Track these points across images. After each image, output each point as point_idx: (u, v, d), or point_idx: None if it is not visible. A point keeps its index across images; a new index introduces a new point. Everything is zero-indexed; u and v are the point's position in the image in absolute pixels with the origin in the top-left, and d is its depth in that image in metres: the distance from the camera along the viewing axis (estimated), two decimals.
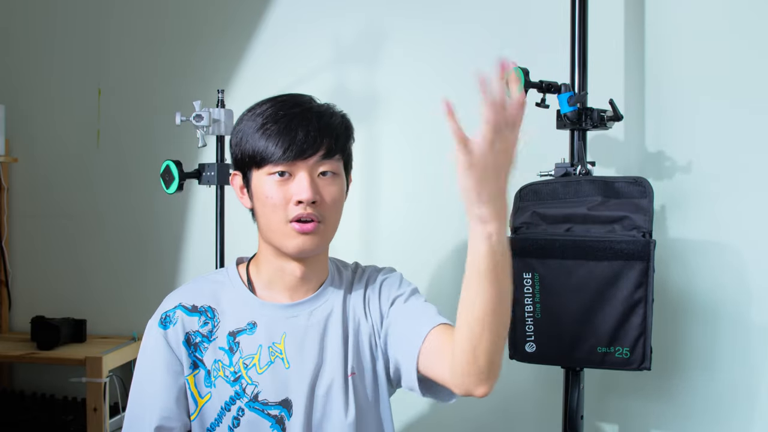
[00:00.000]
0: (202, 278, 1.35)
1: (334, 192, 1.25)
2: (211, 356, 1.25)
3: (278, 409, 1.23)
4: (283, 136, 1.21)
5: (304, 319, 1.28)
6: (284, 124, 1.22)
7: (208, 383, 1.24)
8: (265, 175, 1.22)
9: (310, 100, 1.29)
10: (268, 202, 1.22)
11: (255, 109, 1.27)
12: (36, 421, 2.37)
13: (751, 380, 1.80)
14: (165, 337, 1.25)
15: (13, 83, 2.58)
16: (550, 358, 1.61)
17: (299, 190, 1.20)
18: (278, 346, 1.25)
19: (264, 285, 1.30)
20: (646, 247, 1.48)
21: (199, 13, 2.40)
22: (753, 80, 1.80)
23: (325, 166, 1.24)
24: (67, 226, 2.54)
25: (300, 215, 1.21)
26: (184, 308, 1.27)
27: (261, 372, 1.24)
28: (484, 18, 2.07)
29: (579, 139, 1.69)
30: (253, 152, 1.23)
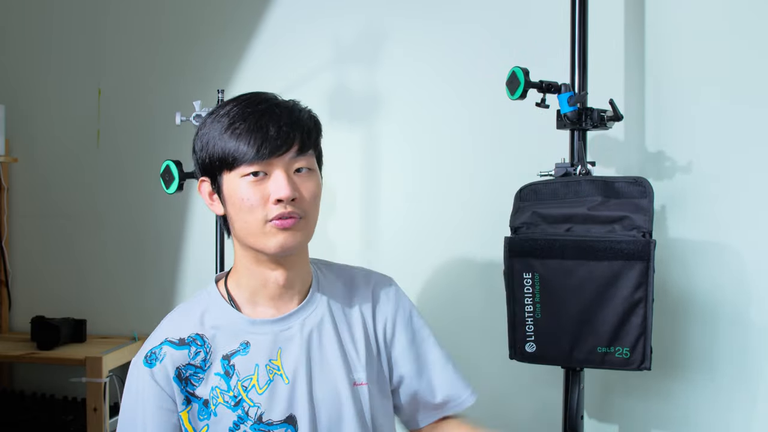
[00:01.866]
0: (183, 307, 1.29)
1: (311, 187, 1.20)
2: (207, 385, 1.19)
3: (284, 427, 1.18)
4: (254, 133, 1.15)
5: (297, 330, 1.24)
6: (253, 121, 1.16)
7: (204, 415, 1.18)
8: (238, 177, 1.16)
9: (275, 97, 1.24)
10: (245, 205, 1.16)
11: (218, 110, 1.21)
12: (36, 421, 2.36)
13: (751, 380, 1.80)
14: (152, 376, 1.18)
15: (13, 83, 2.58)
16: (550, 358, 1.60)
17: (277, 188, 1.15)
18: (275, 363, 1.21)
19: (246, 299, 1.25)
20: (646, 247, 1.48)
21: (199, 13, 2.40)
22: (753, 80, 1.80)
23: (300, 162, 1.18)
24: (66, 226, 2.54)
25: (281, 214, 1.15)
26: (171, 343, 1.21)
27: (261, 392, 1.19)
28: (484, 18, 2.07)
29: (579, 139, 1.69)
30: (223, 154, 1.16)
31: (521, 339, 1.59)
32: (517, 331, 1.60)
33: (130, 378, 1.22)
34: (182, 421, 1.18)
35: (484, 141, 2.08)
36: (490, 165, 2.07)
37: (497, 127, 2.05)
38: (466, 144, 2.10)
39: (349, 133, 2.20)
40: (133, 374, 1.21)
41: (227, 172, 1.18)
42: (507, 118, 2.00)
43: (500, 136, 2.05)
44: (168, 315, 1.28)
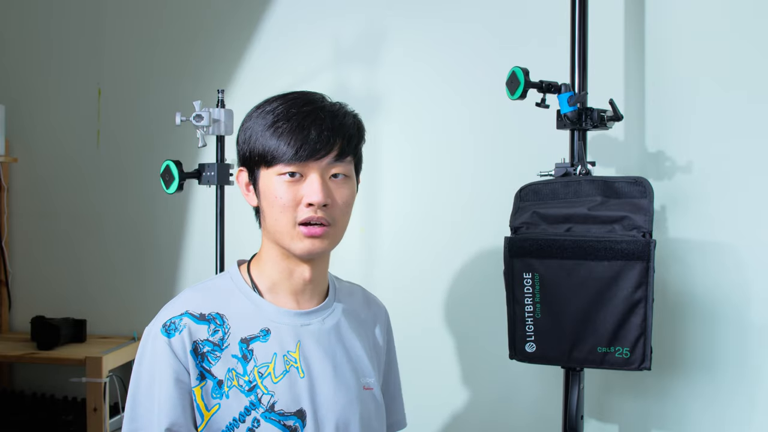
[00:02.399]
0: (203, 285, 1.28)
1: (345, 195, 1.21)
2: (223, 366, 1.18)
3: (293, 420, 1.18)
4: (296, 135, 1.16)
5: (317, 326, 1.26)
6: (296, 122, 1.18)
7: (217, 394, 1.17)
8: (274, 175, 1.18)
9: (322, 98, 1.25)
10: (277, 203, 1.18)
11: (264, 106, 1.23)
12: (36, 421, 2.36)
13: (751, 380, 1.80)
14: (170, 345, 1.17)
15: (13, 83, 2.58)
16: (550, 358, 1.60)
17: (310, 192, 1.17)
18: (293, 355, 1.22)
19: (268, 288, 1.25)
20: (646, 247, 1.48)
21: (199, 13, 2.40)
22: (753, 80, 1.80)
23: (337, 168, 1.20)
24: (67, 226, 2.54)
25: (310, 218, 1.17)
26: (192, 316, 1.19)
27: (276, 381, 1.19)
28: (484, 18, 2.07)
29: (579, 139, 1.69)
30: (263, 150, 1.18)
31: (521, 339, 1.59)
32: (517, 331, 1.60)
33: (146, 346, 1.20)
34: (194, 396, 1.17)
35: (484, 141, 2.08)
36: (490, 165, 2.07)
37: (497, 127, 2.05)
38: (466, 144, 2.10)
39: None
40: (149, 342, 1.19)
41: (265, 168, 1.20)
42: (507, 118, 2.00)
43: (500, 136, 2.05)
44: (188, 289, 1.27)
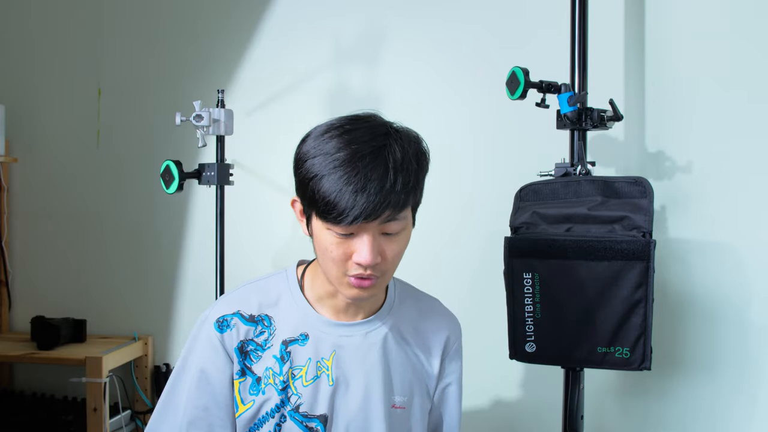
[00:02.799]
0: (259, 283, 1.30)
1: (396, 249, 1.17)
2: (263, 364, 1.24)
3: (315, 422, 1.23)
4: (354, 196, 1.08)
5: (357, 340, 1.26)
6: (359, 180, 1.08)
7: (254, 391, 1.23)
8: (325, 228, 1.13)
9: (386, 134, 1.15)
10: (328, 255, 1.15)
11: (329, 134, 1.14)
12: (36, 421, 2.36)
13: (751, 380, 1.80)
14: (221, 341, 1.23)
15: (13, 83, 2.58)
16: (550, 358, 1.60)
17: (361, 254, 1.12)
18: (326, 363, 1.25)
19: (315, 298, 1.27)
20: (646, 247, 1.48)
21: (199, 13, 2.40)
22: (753, 80, 1.80)
23: (389, 227, 1.14)
24: (67, 226, 2.54)
25: (360, 275, 1.15)
26: (242, 317, 1.25)
27: (306, 385, 1.23)
28: (484, 18, 2.07)
29: (579, 139, 1.69)
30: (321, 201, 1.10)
31: (521, 339, 1.59)
32: (517, 331, 1.60)
33: (200, 335, 1.25)
34: (234, 389, 1.24)
35: (484, 141, 2.08)
36: (490, 165, 2.07)
37: (497, 127, 2.05)
38: (466, 144, 2.10)
39: None
40: (202, 334, 1.25)
41: (315, 216, 1.14)
42: (507, 118, 2.00)
43: (500, 136, 2.05)
44: (245, 285, 1.30)
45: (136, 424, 2.44)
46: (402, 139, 1.16)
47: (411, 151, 1.15)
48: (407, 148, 1.15)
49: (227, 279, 1.96)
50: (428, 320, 1.34)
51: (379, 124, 1.17)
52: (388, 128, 1.17)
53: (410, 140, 1.18)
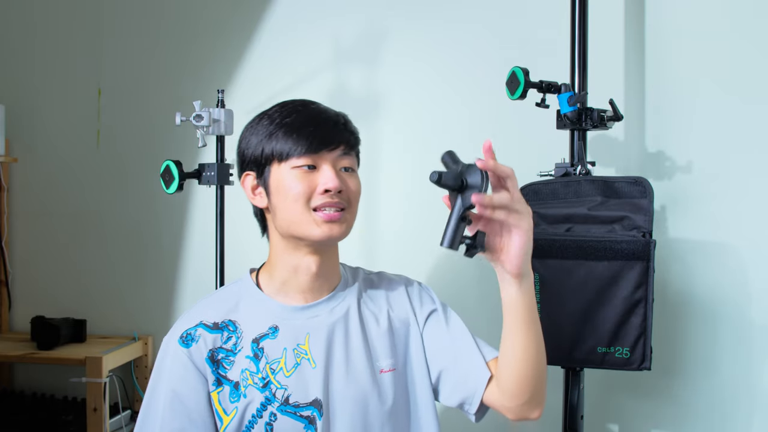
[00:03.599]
0: (216, 295, 1.34)
1: (355, 185, 1.28)
2: (238, 368, 1.24)
3: (309, 410, 1.22)
4: (307, 128, 1.23)
5: (325, 317, 1.29)
6: (305, 117, 1.25)
7: (234, 397, 1.23)
8: (288, 169, 1.23)
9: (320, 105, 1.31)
10: (291, 193, 1.22)
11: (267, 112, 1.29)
12: (36, 421, 2.36)
13: (751, 380, 1.80)
14: (189, 356, 1.23)
15: (13, 83, 2.58)
16: (550, 358, 1.58)
17: (326, 179, 1.22)
18: (303, 347, 1.26)
19: (277, 290, 1.30)
20: (646, 247, 1.48)
21: (199, 13, 2.40)
22: (753, 80, 1.80)
23: (346, 161, 1.27)
24: (67, 226, 2.54)
25: (327, 203, 1.22)
26: (206, 326, 1.26)
27: (288, 375, 1.23)
28: (484, 18, 2.07)
29: (579, 139, 1.69)
30: (276, 148, 1.24)
31: None
32: None
33: (165, 356, 1.25)
34: (213, 401, 1.23)
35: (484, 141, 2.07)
36: None
37: (497, 127, 2.05)
38: (466, 144, 2.09)
39: None
40: (168, 354, 1.25)
41: (277, 164, 1.24)
42: (507, 118, 2.00)
43: (500, 136, 2.04)
44: (203, 299, 1.32)
45: None
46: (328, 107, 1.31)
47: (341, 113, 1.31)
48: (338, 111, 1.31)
49: (227, 279, 1.96)
50: (382, 285, 1.39)
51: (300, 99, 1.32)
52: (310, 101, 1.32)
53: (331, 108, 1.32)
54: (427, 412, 1.32)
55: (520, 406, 1.26)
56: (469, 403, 1.31)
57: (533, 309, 1.19)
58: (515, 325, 1.19)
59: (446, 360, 1.32)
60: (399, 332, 1.33)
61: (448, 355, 1.32)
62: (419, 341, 1.34)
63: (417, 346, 1.33)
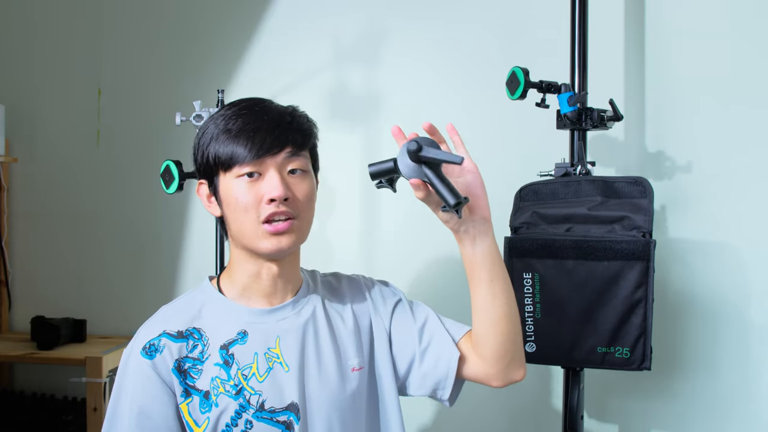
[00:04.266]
0: (176, 302, 1.29)
1: (305, 189, 1.22)
2: (207, 376, 1.19)
3: (286, 414, 1.19)
4: (248, 134, 1.17)
5: (293, 319, 1.26)
6: (247, 122, 1.19)
7: (205, 408, 1.18)
8: (233, 178, 1.19)
9: (271, 102, 1.26)
10: (239, 205, 1.18)
11: (216, 114, 1.24)
12: (36, 421, 2.36)
13: (751, 380, 1.80)
14: (153, 368, 1.18)
15: (13, 83, 2.58)
16: (550, 358, 1.61)
17: (270, 188, 1.17)
18: (274, 351, 1.22)
19: (239, 295, 1.26)
20: (646, 247, 1.48)
21: (199, 13, 2.40)
22: (753, 80, 1.80)
23: (293, 163, 1.20)
24: (67, 226, 2.54)
25: (273, 214, 1.17)
26: (169, 335, 1.21)
27: (261, 380, 1.20)
28: (484, 18, 2.07)
29: (579, 139, 1.69)
30: (219, 155, 1.19)
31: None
32: None
33: (127, 370, 1.20)
34: (182, 413, 1.18)
35: (484, 141, 2.07)
36: (490, 165, 2.05)
37: (497, 127, 2.05)
38: (466, 144, 2.10)
39: (349, 133, 2.20)
40: (129, 367, 1.20)
41: (223, 173, 1.20)
42: (507, 118, 2.00)
43: (500, 136, 2.05)
44: (161, 309, 1.27)
45: None
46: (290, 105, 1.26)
47: (300, 111, 1.25)
48: (296, 108, 1.25)
49: None
50: (342, 284, 1.37)
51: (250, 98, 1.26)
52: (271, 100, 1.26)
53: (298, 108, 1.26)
54: (394, 410, 1.31)
55: (505, 369, 1.27)
56: (441, 387, 1.30)
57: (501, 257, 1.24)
58: (492, 279, 1.21)
59: (415, 349, 1.32)
60: (364, 330, 1.33)
61: (417, 344, 1.32)
62: (384, 339, 1.32)
63: (382, 344, 1.32)
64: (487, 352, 1.25)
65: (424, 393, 1.33)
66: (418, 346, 1.32)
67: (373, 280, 1.41)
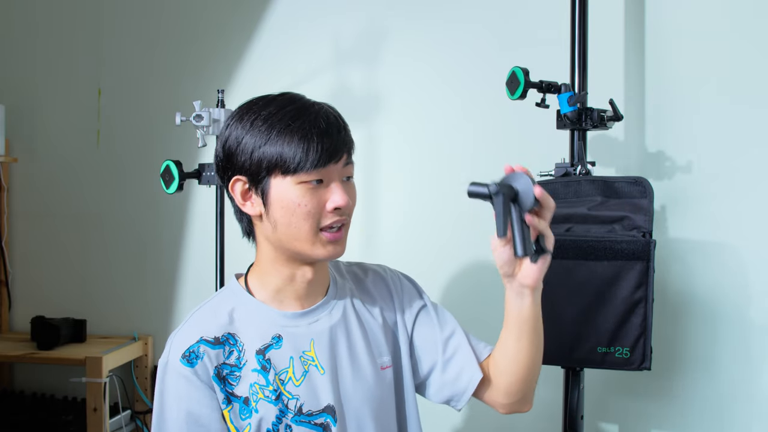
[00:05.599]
0: (208, 305, 1.25)
1: (355, 196, 1.23)
2: (246, 382, 1.17)
3: (323, 417, 1.19)
4: (313, 136, 1.14)
5: (325, 321, 1.25)
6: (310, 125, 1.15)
7: (245, 414, 1.16)
8: (294, 183, 1.14)
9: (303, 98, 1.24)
10: (300, 210, 1.15)
11: (256, 110, 1.18)
12: (36, 421, 2.37)
13: (751, 380, 1.80)
14: (196, 375, 1.15)
15: (13, 83, 2.58)
16: (550, 358, 1.59)
17: (337, 198, 1.16)
18: (309, 354, 1.21)
19: (271, 297, 1.24)
20: (646, 247, 1.48)
21: (199, 13, 2.40)
22: (753, 80, 1.80)
23: (349, 170, 1.20)
24: (67, 226, 2.54)
25: (335, 221, 1.17)
26: (207, 342, 1.17)
27: (298, 384, 1.19)
28: (484, 18, 2.07)
29: (579, 139, 1.69)
30: (278, 159, 1.14)
31: None
32: None
33: (167, 379, 1.16)
34: (225, 420, 1.16)
35: (484, 141, 2.08)
36: (490, 165, 2.06)
37: (497, 127, 2.05)
38: (466, 144, 2.10)
39: None
40: (170, 376, 1.16)
41: (281, 176, 1.15)
42: (507, 118, 2.00)
43: (500, 136, 2.05)
44: (194, 314, 1.24)
45: (136, 424, 2.44)
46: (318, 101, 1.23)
47: (332, 106, 1.24)
48: (327, 104, 1.24)
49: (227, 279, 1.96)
50: (368, 277, 1.36)
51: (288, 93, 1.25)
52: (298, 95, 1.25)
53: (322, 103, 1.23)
54: (413, 410, 1.32)
55: (515, 403, 1.32)
56: (456, 400, 1.33)
57: (540, 317, 1.23)
58: (522, 334, 1.22)
59: (438, 357, 1.32)
60: (390, 327, 1.32)
61: (440, 353, 1.32)
62: (406, 338, 1.32)
63: (404, 342, 1.32)
64: (503, 386, 1.29)
65: (438, 400, 1.34)
66: (442, 355, 1.32)
67: (399, 274, 1.39)
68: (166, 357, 1.19)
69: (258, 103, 1.21)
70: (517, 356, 1.24)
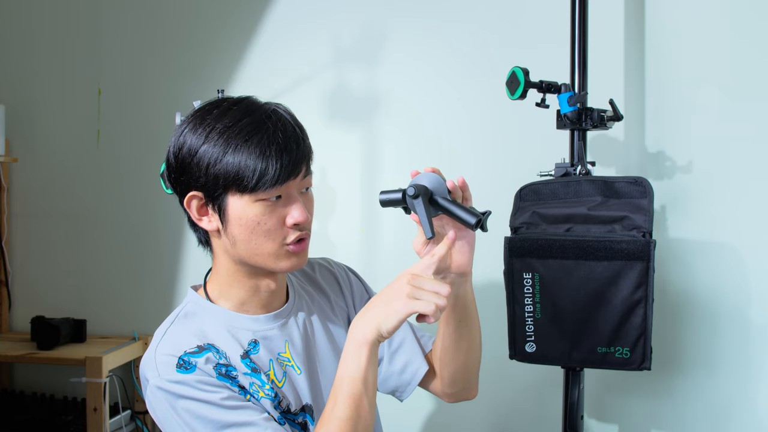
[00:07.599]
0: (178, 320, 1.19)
1: (312, 207, 1.20)
2: (246, 382, 1.15)
3: (302, 416, 1.20)
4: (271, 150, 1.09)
5: (293, 322, 1.25)
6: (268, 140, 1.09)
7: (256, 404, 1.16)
8: (253, 201, 1.11)
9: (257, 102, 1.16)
10: (260, 228, 1.12)
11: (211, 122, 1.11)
12: (36, 421, 2.37)
13: (751, 380, 1.80)
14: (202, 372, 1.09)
15: (13, 83, 2.58)
16: (550, 358, 1.60)
17: (297, 214, 1.13)
18: (285, 356, 1.21)
19: (236, 306, 1.21)
20: (646, 247, 1.48)
21: (199, 13, 2.40)
22: (753, 80, 1.80)
23: (307, 181, 1.17)
24: (67, 226, 2.54)
25: (299, 236, 1.15)
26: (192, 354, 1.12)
27: (281, 385, 1.18)
28: (483, 18, 2.07)
29: (579, 139, 1.69)
30: (242, 172, 1.09)
31: (521, 339, 1.59)
32: (517, 331, 1.60)
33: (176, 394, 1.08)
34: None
35: (484, 141, 2.08)
36: (490, 165, 2.07)
37: (497, 127, 2.05)
38: (466, 144, 2.10)
39: (349, 133, 2.20)
40: (176, 389, 1.08)
41: (239, 194, 1.11)
42: (507, 118, 2.00)
43: (500, 136, 2.05)
44: (164, 335, 1.16)
45: (136, 424, 2.44)
46: (274, 105, 1.16)
47: (289, 112, 1.17)
48: (285, 110, 1.16)
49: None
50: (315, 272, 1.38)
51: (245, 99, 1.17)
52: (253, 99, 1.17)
53: (279, 105, 1.17)
54: None
55: (460, 392, 1.35)
56: (401, 391, 1.36)
57: (474, 301, 1.27)
58: (463, 320, 1.25)
59: (384, 350, 1.35)
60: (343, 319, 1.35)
61: (386, 345, 1.35)
62: None
63: None
64: (445, 374, 1.32)
65: (384, 391, 1.37)
66: (388, 348, 1.35)
67: (344, 267, 1.42)
68: (154, 381, 1.09)
69: (212, 112, 1.13)
70: (459, 343, 1.27)
